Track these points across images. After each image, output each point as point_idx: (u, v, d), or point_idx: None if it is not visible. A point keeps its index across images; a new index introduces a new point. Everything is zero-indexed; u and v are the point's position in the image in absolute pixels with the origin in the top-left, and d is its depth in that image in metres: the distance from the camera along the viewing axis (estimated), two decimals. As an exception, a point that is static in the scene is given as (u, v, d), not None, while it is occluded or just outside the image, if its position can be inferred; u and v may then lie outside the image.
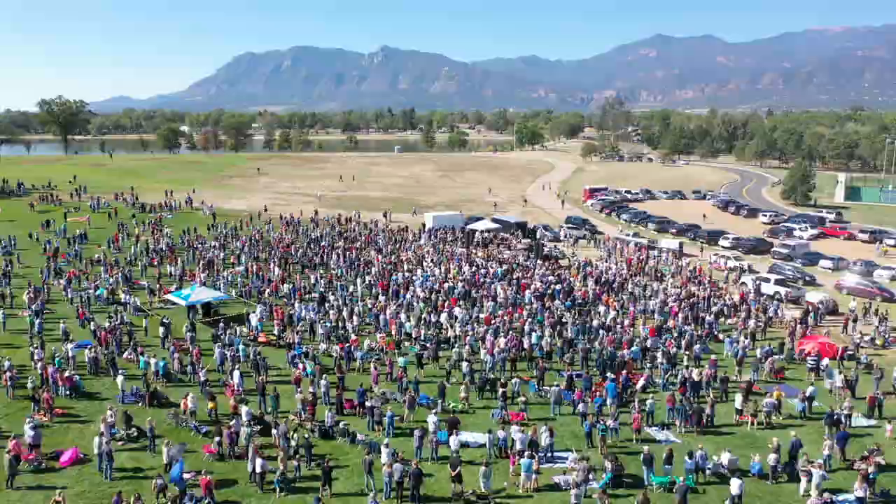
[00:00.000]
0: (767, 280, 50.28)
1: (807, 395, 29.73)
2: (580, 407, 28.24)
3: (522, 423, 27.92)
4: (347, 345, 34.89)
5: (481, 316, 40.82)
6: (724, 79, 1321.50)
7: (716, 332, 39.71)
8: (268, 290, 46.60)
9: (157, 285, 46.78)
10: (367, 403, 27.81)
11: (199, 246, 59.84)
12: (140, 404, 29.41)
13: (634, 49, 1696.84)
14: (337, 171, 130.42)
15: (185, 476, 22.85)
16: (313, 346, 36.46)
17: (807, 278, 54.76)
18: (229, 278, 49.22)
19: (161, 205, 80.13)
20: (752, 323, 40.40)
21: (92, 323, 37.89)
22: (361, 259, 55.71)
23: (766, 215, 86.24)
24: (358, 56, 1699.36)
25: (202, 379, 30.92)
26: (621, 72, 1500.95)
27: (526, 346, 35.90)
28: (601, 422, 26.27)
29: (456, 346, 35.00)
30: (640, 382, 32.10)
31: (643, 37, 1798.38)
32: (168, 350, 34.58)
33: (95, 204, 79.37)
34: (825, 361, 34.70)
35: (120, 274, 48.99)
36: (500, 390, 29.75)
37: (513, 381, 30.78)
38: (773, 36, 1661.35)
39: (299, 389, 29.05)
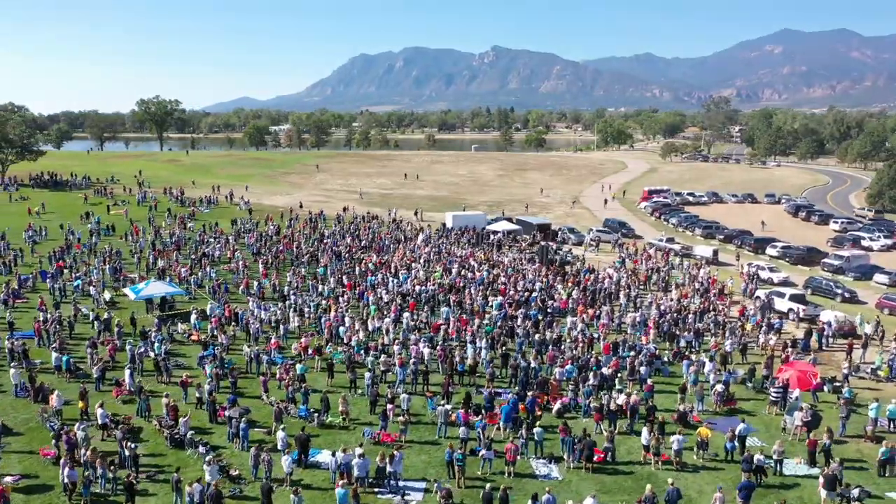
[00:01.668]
0: (781, 295, 44.36)
1: (737, 432, 25.17)
2: (461, 431, 25.19)
3: (396, 444, 25.37)
4: (257, 348, 33.25)
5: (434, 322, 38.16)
6: (859, 75, 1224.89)
7: (687, 353, 35.05)
8: (241, 287, 45.95)
9: (136, 278, 47.12)
10: (226, 413, 25.97)
11: (211, 240, 60.24)
12: (28, 398, 29.01)
13: (758, 45, 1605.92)
14: (399, 168, 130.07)
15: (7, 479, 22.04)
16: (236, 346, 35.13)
17: (846, 294, 48.19)
18: (211, 274, 48.80)
19: (200, 199, 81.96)
20: (727, 344, 35.38)
21: (42, 314, 38.29)
22: (353, 258, 54.06)
23: (837, 222, 77.68)
24: (468, 56, 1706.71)
25: (95, 376, 30.18)
26: (743, 69, 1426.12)
27: (458, 358, 32.88)
28: (459, 450, 23.14)
29: (370, 355, 32.50)
30: (557, 406, 28.51)
31: (768, 32, 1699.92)
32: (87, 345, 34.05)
33: (142, 197, 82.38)
34: (795, 393, 29.65)
35: (109, 266, 49.77)
36: (388, 406, 27.23)
37: (402, 396, 27.97)
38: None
39: (166, 394, 27.57)
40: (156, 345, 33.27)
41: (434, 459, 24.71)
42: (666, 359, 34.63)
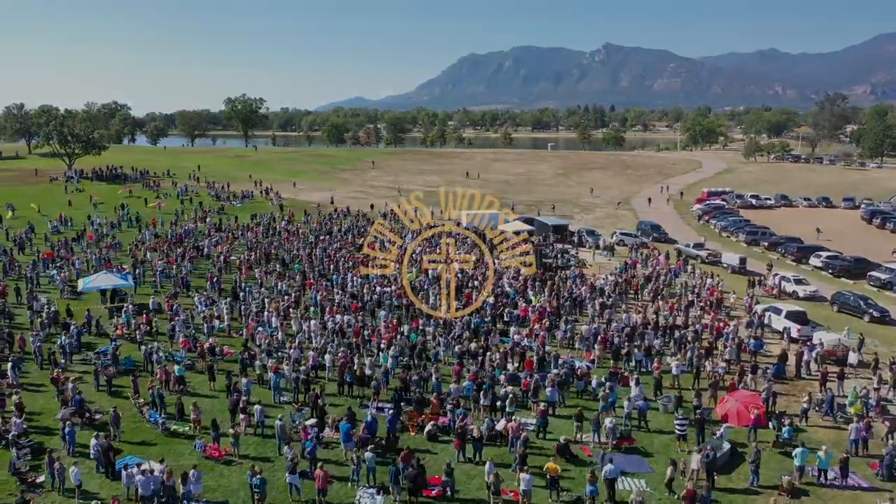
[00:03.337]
0: (778, 311, 38.55)
1: (605, 475, 21.18)
2: (286, 451, 22.65)
3: (225, 460, 23.28)
4: (151, 346, 31.92)
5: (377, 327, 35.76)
6: None
7: (625, 373, 30.73)
8: (209, 283, 45.13)
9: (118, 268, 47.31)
10: (59, 415, 24.62)
11: (217, 234, 60.37)
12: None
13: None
14: (459, 166, 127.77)
15: None
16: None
17: (874, 313, 41.59)
18: (185, 268, 48.36)
19: (233, 194, 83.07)
20: (673, 366, 30.72)
21: (-8, 302, 38.84)
22: (334, 256, 52.27)
23: (914, 230, 68.47)
24: (579, 54, 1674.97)
25: (-15, 368, 29.84)
26: (881, 65, 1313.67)
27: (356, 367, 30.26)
28: (257, 475, 20.57)
29: (257, 360, 30.44)
30: (428, 427, 25.34)
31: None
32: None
33: (182, 191, 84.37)
34: (721, 429, 25.08)
35: (96, 257, 50.43)
36: (241, 416, 25.13)
37: (256, 407, 25.64)
38: None
39: (16, 391, 26.60)
40: (61, 337, 32.67)
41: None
42: (602, 378, 30.45)
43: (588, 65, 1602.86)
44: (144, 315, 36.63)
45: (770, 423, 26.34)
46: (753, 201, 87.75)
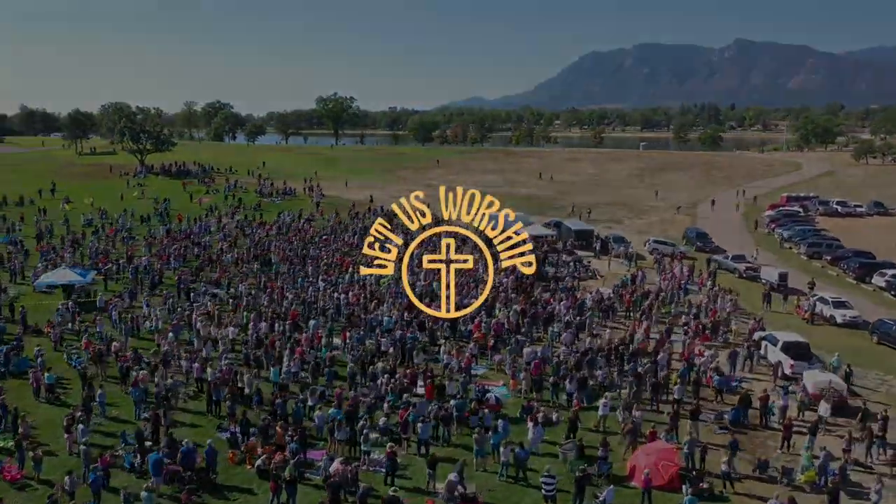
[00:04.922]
0: (775, 341, 31.97)
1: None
2: (65, 480, 19.97)
3: (21, 484, 21.00)
4: (38, 347, 30.39)
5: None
6: None
7: (540, 410, 25.93)
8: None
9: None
10: None
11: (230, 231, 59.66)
12: None
13: None
14: (532, 166, 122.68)
15: None
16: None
17: (922, 348, 34.14)
18: (172, 265, 47.55)
19: (275, 191, 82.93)
20: (601, 402, 25.62)
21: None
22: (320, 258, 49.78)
23: None
24: (707, 51, 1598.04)
25: None
26: None
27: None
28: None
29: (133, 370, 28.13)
30: (259, 462, 21.96)
31: None
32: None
33: (231, 187, 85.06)
34: (605, 491, 20.14)
35: (91, 250, 50.60)
36: (66, 435, 22.84)
37: (79, 427, 23.15)
38: None
39: None
40: (-23, 337, 31.95)
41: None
42: (518, 414, 25.97)
43: (717, 62, 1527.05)
44: (75, 314, 35.56)
45: (684, 486, 21.04)
46: (839, 208, 77.29)
